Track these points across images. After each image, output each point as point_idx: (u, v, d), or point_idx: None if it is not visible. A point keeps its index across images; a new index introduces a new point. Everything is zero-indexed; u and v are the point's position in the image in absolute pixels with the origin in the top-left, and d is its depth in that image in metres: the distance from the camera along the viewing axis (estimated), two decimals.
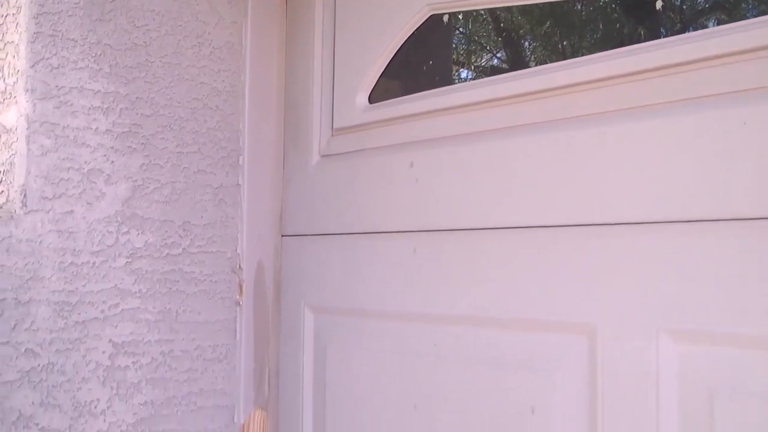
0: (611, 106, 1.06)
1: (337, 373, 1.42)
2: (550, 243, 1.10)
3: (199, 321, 1.46)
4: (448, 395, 1.22)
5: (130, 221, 1.38)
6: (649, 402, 0.98)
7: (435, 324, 1.25)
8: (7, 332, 1.24)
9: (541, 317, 1.10)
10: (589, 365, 1.05)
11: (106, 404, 1.34)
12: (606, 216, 1.04)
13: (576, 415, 1.06)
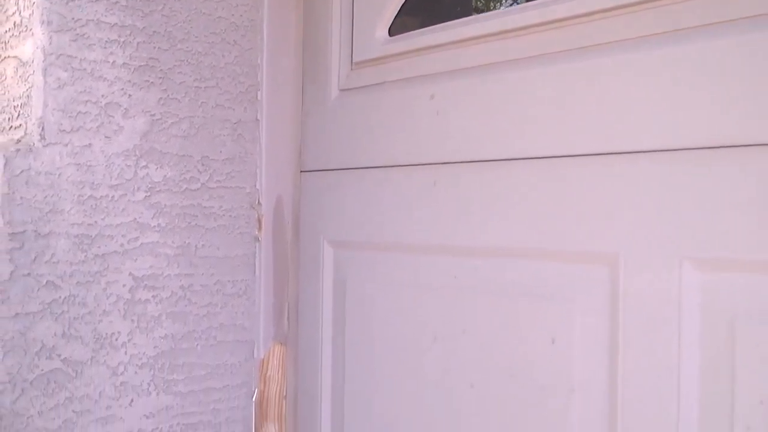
0: (633, 34, 1.04)
1: (357, 307, 1.43)
2: (572, 173, 1.09)
3: (219, 256, 1.46)
4: (467, 327, 1.23)
5: (149, 155, 1.38)
6: (671, 330, 0.98)
7: (455, 256, 1.25)
8: (28, 264, 1.25)
9: (563, 248, 1.10)
10: (610, 295, 1.04)
11: (127, 337, 1.35)
12: (629, 145, 1.03)
13: (596, 345, 1.06)
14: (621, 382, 1.03)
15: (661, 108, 1.00)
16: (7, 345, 1.23)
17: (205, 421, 1.45)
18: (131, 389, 1.36)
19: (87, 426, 1.31)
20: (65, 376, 1.29)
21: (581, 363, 1.08)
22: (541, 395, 1.12)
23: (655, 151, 1.01)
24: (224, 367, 1.47)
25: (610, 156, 1.05)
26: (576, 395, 1.08)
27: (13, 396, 1.24)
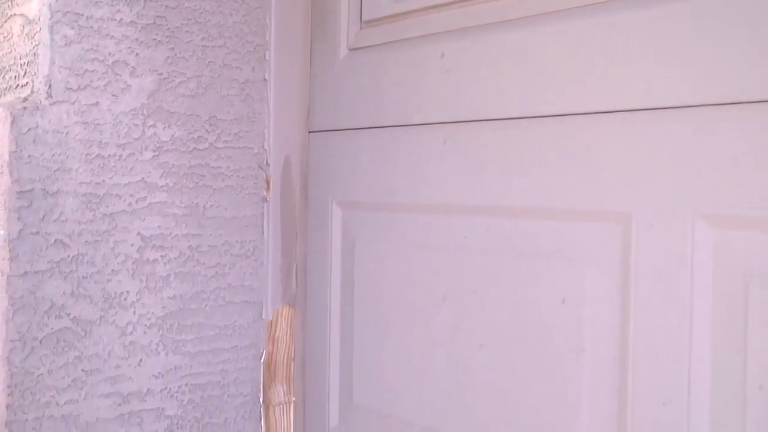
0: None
1: (365, 268, 1.43)
2: (585, 131, 1.08)
3: (227, 216, 1.46)
4: (477, 287, 1.23)
5: (156, 114, 1.38)
6: (683, 289, 0.98)
7: (465, 216, 1.25)
8: (36, 222, 1.25)
9: (574, 206, 1.09)
10: (622, 254, 1.04)
11: (135, 297, 1.36)
12: (643, 102, 1.02)
13: (608, 305, 1.06)
14: (632, 342, 1.03)
15: (676, 63, 0.99)
16: (16, 303, 1.23)
17: (214, 382, 1.46)
18: (140, 349, 1.36)
19: (96, 385, 1.32)
20: (74, 335, 1.29)
21: (592, 323, 1.08)
22: (550, 355, 1.13)
23: (668, 108, 1.00)
24: (232, 328, 1.48)
25: (623, 113, 1.04)
26: (586, 355, 1.08)
27: (23, 354, 1.24)
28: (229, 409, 1.48)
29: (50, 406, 1.27)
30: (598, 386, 1.07)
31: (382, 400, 1.40)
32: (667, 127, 1.00)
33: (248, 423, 1.51)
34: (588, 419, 1.08)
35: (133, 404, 1.36)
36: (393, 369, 1.38)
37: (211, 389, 1.46)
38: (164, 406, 1.40)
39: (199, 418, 1.44)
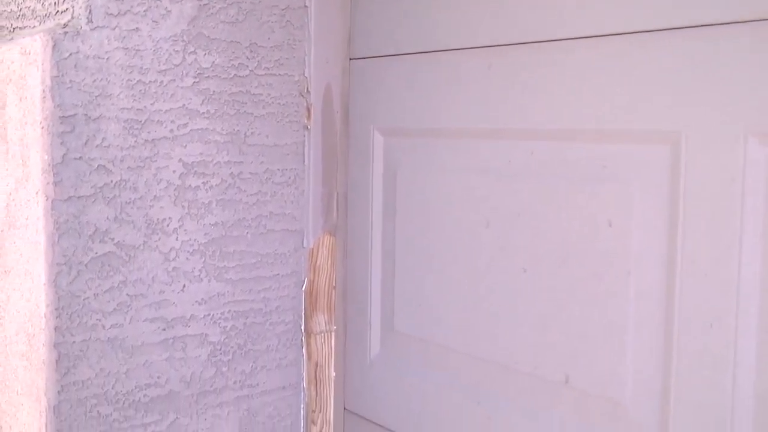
0: None
1: (407, 195, 1.43)
2: (633, 50, 1.07)
3: (268, 144, 1.47)
4: (521, 211, 1.22)
5: (197, 41, 1.38)
6: (734, 209, 0.97)
7: (509, 140, 1.24)
8: (79, 148, 1.26)
9: (622, 127, 1.08)
10: (671, 175, 1.03)
11: (178, 223, 1.37)
12: (692, 18, 1.00)
13: (655, 227, 1.05)
14: (679, 264, 1.03)
15: None
16: (61, 228, 1.26)
17: (256, 309, 1.48)
18: (183, 275, 1.39)
19: (141, 310, 1.34)
20: (119, 260, 1.31)
21: (638, 245, 1.07)
22: (596, 279, 1.12)
23: (719, 25, 0.98)
24: (274, 256, 1.49)
25: (672, 31, 1.02)
26: (632, 278, 1.08)
27: (70, 278, 1.27)
28: (271, 337, 1.50)
29: (96, 329, 1.30)
30: (644, 309, 1.07)
31: (423, 327, 1.42)
32: (718, 44, 0.98)
33: (290, 351, 1.53)
34: (633, 342, 1.08)
35: (177, 329, 1.39)
36: (435, 295, 1.39)
37: (253, 316, 1.48)
38: (207, 332, 1.42)
39: (241, 345, 1.47)
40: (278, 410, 1.53)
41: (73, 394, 1.29)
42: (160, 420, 1.38)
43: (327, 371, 1.58)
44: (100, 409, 1.32)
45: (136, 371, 1.35)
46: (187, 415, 1.41)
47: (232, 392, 1.47)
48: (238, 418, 1.48)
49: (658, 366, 1.06)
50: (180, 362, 1.40)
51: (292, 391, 1.55)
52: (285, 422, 1.54)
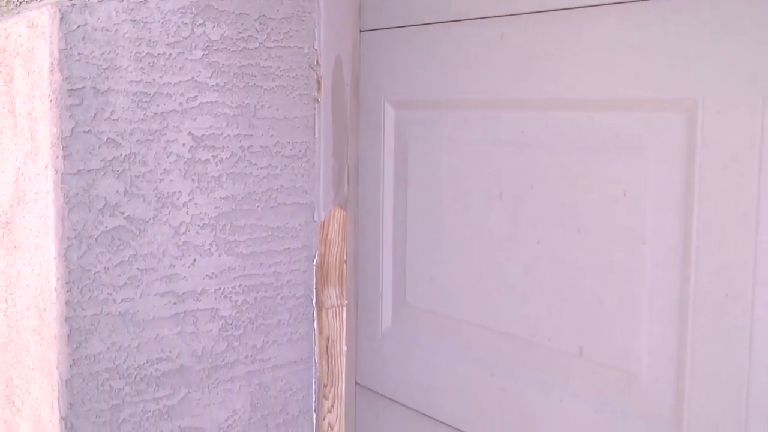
0: None
1: (419, 167, 1.43)
2: (648, 17, 1.06)
3: (278, 117, 1.46)
4: (534, 183, 1.22)
5: (205, 13, 1.37)
6: (751, 177, 0.96)
7: (522, 110, 1.23)
8: (88, 121, 1.26)
9: (637, 96, 1.07)
10: (687, 143, 1.02)
11: (188, 196, 1.37)
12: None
13: (670, 197, 1.04)
14: (695, 233, 1.02)
15: None
16: (71, 201, 1.25)
17: (267, 283, 1.48)
18: (194, 249, 1.39)
19: (151, 284, 1.34)
20: (129, 234, 1.31)
21: (654, 215, 1.07)
22: (610, 249, 1.12)
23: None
24: (285, 229, 1.49)
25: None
26: (647, 248, 1.07)
27: (80, 252, 1.27)
28: (282, 311, 1.51)
29: (107, 303, 1.30)
30: (659, 280, 1.07)
31: (435, 300, 1.42)
32: (735, 9, 0.96)
33: (301, 325, 1.53)
34: (648, 313, 1.08)
35: (188, 303, 1.39)
36: (447, 269, 1.38)
37: (264, 291, 1.48)
38: (218, 307, 1.42)
39: (252, 319, 1.47)
40: (290, 384, 1.54)
41: (84, 368, 1.29)
42: (172, 394, 1.39)
43: (338, 345, 1.58)
44: (111, 383, 1.32)
45: (148, 345, 1.35)
46: (198, 389, 1.42)
47: (244, 366, 1.47)
48: (249, 393, 1.48)
49: (674, 337, 1.05)
50: (191, 336, 1.40)
51: (303, 366, 1.55)
52: (297, 396, 1.55)
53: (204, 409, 1.43)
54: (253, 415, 1.49)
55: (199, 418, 1.42)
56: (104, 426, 1.32)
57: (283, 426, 1.53)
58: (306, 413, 1.57)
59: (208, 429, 1.44)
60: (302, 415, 1.56)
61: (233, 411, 1.46)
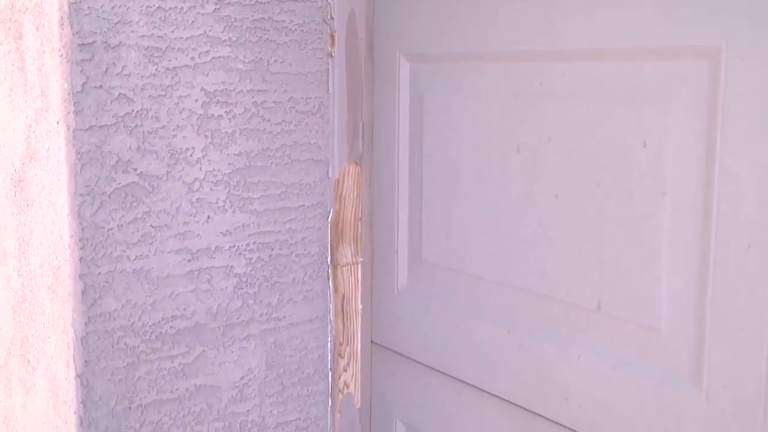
0: None
1: (435, 121, 1.42)
2: None
3: (291, 72, 1.46)
4: (552, 135, 1.21)
5: None
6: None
7: (540, 62, 1.22)
8: (99, 76, 1.26)
9: (658, 44, 1.06)
10: (709, 91, 1.01)
11: (201, 153, 1.37)
12: None
13: (692, 147, 1.04)
14: (717, 185, 1.01)
15: None
16: (83, 157, 1.26)
17: (281, 241, 1.48)
18: (207, 206, 1.39)
19: (165, 241, 1.35)
20: (142, 191, 1.32)
21: (674, 166, 1.06)
22: (629, 201, 1.11)
23: None
24: (299, 186, 1.49)
25: None
26: (667, 199, 1.07)
27: (93, 208, 1.27)
28: (297, 269, 1.51)
29: (121, 260, 1.31)
30: (679, 232, 1.06)
31: (452, 257, 1.42)
32: None
33: (316, 283, 1.54)
34: (669, 266, 1.08)
35: (202, 261, 1.39)
36: (464, 224, 1.38)
37: (279, 248, 1.48)
38: (233, 264, 1.43)
39: (267, 277, 1.47)
40: (305, 343, 1.55)
41: (99, 325, 1.30)
42: (187, 352, 1.40)
43: (354, 303, 1.59)
44: (127, 341, 1.33)
45: (162, 303, 1.36)
46: (213, 347, 1.43)
47: (259, 325, 1.48)
48: (264, 351, 1.49)
49: (694, 290, 1.05)
50: (206, 294, 1.41)
51: (318, 324, 1.56)
52: (312, 355, 1.56)
53: (219, 367, 1.44)
54: (268, 374, 1.50)
55: (215, 376, 1.44)
56: (120, 384, 1.34)
57: (298, 385, 1.55)
58: (321, 372, 1.58)
59: (224, 387, 1.45)
60: (318, 373, 1.57)
61: (248, 369, 1.48)
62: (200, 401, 1.42)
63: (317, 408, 1.58)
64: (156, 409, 1.37)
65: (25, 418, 1.53)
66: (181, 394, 1.40)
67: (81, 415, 1.31)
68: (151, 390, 1.37)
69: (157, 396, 1.37)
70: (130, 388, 1.35)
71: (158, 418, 1.38)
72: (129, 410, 1.35)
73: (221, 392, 1.45)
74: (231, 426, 1.47)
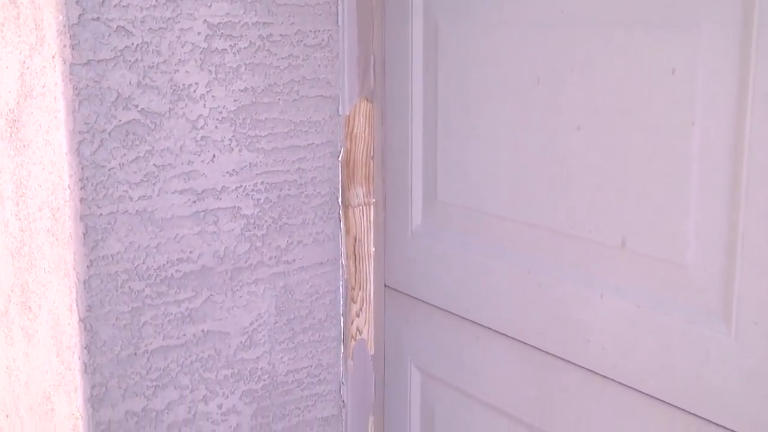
0: None
1: (450, 53, 1.40)
2: None
3: (298, 4, 1.44)
4: (574, 65, 1.19)
5: None
6: None
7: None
8: (96, 7, 1.25)
9: None
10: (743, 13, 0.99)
11: (205, 89, 1.36)
12: None
13: (724, 73, 1.02)
14: (749, 112, 1.00)
15: None
16: (82, 93, 1.25)
17: (290, 181, 1.47)
18: (212, 144, 1.38)
19: (169, 181, 1.35)
20: (144, 128, 1.31)
21: (705, 93, 1.04)
22: (657, 132, 1.10)
23: None
24: (308, 124, 1.48)
25: None
26: (697, 129, 1.05)
27: (93, 147, 1.27)
28: (307, 210, 1.51)
29: (124, 201, 1.31)
30: (709, 163, 1.05)
31: (469, 195, 1.41)
32: None
33: (327, 224, 1.54)
34: (697, 199, 1.07)
35: (208, 202, 1.39)
36: (481, 161, 1.37)
37: (288, 189, 1.48)
38: (240, 205, 1.43)
39: (276, 219, 1.47)
40: (316, 288, 1.55)
41: (102, 268, 1.31)
42: (194, 297, 1.40)
43: (366, 246, 1.58)
44: (131, 285, 1.33)
45: (167, 245, 1.36)
46: (221, 291, 1.43)
47: (268, 268, 1.48)
48: (274, 296, 1.49)
49: (724, 224, 1.04)
50: (212, 236, 1.40)
51: (330, 268, 1.56)
52: (323, 300, 1.56)
53: (227, 312, 1.44)
54: (278, 320, 1.51)
55: (223, 321, 1.44)
56: (125, 329, 1.34)
57: (309, 330, 1.55)
58: (333, 317, 1.58)
59: (232, 333, 1.45)
60: (329, 319, 1.57)
61: (257, 315, 1.48)
62: (208, 347, 1.43)
63: (329, 355, 1.59)
64: (162, 356, 1.38)
65: (28, 366, 1.54)
66: (189, 340, 1.41)
67: (85, 361, 1.32)
68: (157, 335, 1.37)
69: (164, 342, 1.38)
70: (136, 334, 1.35)
71: (165, 364, 1.39)
72: (135, 356, 1.36)
73: (230, 338, 1.45)
74: (240, 373, 1.47)
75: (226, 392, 1.46)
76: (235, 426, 1.48)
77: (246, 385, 1.48)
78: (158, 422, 1.40)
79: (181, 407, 1.42)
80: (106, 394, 1.34)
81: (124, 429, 1.37)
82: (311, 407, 1.58)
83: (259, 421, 1.51)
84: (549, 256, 1.28)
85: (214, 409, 1.45)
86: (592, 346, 1.23)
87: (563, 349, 1.27)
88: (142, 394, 1.38)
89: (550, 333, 1.29)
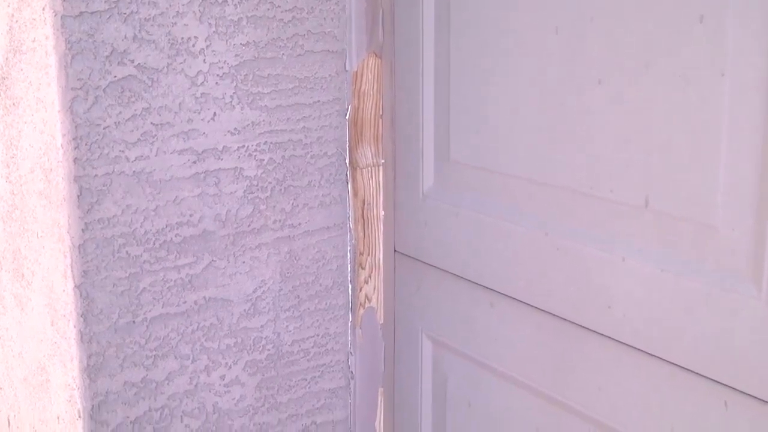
0: None
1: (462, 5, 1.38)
2: None
3: None
4: (595, 14, 1.17)
5: None
6: None
7: None
8: None
9: None
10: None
11: (204, 43, 1.34)
12: None
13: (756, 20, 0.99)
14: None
15: None
16: (74, 48, 1.23)
17: (295, 140, 1.46)
18: (213, 102, 1.36)
19: (168, 140, 1.33)
20: (140, 84, 1.29)
21: (734, 42, 1.02)
22: (683, 84, 1.08)
23: None
24: (314, 80, 1.46)
25: None
26: (726, 80, 1.03)
27: (87, 104, 1.25)
28: (313, 171, 1.49)
29: (120, 161, 1.29)
30: (739, 116, 1.03)
31: (483, 154, 1.39)
32: None
33: (334, 187, 1.52)
34: (727, 156, 1.05)
35: (209, 162, 1.37)
36: (496, 118, 1.35)
37: (293, 149, 1.46)
38: (242, 166, 1.41)
39: (280, 180, 1.45)
40: (322, 253, 1.53)
41: (98, 232, 1.29)
42: (195, 262, 1.39)
43: (375, 209, 1.57)
44: (128, 249, 1.32)
45: (166, 208, 1.35)
46: (223, 257, 1.42)
47: (272, 233, 1.47)
48: (278, 261, 1.48)
49: (755, 181, 1.02)
50: (213, 199, 1.39)
51: (337, 232, 1.54)
52: (330, 266, 1.55)
53: (230, 278, 1.43)
54: (283, 286, 1.50)
55: (225, 288, 1.43)
56: (122, 296, 1.33)
57: (315, 298, 1.54)
58: (341, 284, 1.57)
59: (235, 300, 1.44)
60: (336, 286, 1.56)
61: (261, 281, 1.47)
62: (210, 315, 1.42)
63: (336, 323, 1.58)
64: (162, 324, 1.37)
65: (22, 335, 1.54)
66: (189, 308, 1.40)
67: (81, 330, 1.31)
68: (156, 303, 1.36)
69: (163, 309, 1.37)
70: (134, 301, 1.34)
71: (165, 333, 1.38)
72: (133, 324, 1.35)
73: (232, 306, 1.44)
74: (244, 342, 1.47)
75: (228, 362, 1.46)
76: (238, 398, 1.48)
77: (250, 355, 1.48)
78: (158, 393, 1.39)
79: (182, 378, 1.41)
80: (103, 364, 1.33)
81: (123, 400, 1.36)
82: (318, 378, 1.57)
83: (264, 393, 1.50)
84: (567, 217, 1.27)
85: (217, 380, 1.45)
86: (613, 312, 1.21)
87: (582, 316, 1.26)
88: (141, 364, 1.37)
89: (569, 299, 1.28)
